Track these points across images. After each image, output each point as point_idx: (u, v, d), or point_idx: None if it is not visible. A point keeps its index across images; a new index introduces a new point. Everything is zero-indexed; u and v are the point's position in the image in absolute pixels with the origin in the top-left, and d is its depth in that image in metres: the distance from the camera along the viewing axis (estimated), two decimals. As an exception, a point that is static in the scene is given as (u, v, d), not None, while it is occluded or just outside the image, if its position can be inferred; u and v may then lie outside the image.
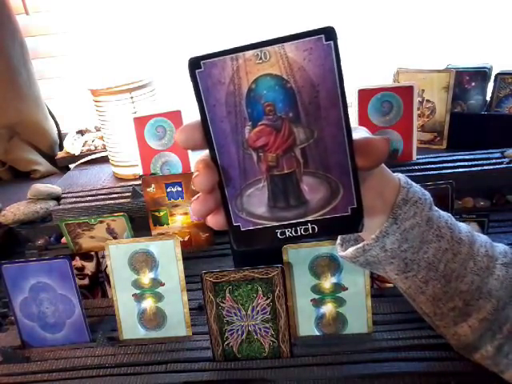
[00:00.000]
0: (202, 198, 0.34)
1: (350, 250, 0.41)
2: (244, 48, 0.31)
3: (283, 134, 0.32)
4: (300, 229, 0.34)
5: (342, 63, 0.31)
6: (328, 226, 0.33)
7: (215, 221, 0.35)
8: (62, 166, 1.24)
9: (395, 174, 0.40)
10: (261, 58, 0.31)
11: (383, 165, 0.38)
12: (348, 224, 0.33)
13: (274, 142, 0.33)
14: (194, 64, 0.31)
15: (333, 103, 0.31)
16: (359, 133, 0.35)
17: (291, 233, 0.34)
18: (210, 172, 0.33)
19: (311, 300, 0.57)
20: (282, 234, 0.34)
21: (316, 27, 0.30)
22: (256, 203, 0.34)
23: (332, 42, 0.30)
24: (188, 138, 0.33)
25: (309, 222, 0.33)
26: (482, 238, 0.43)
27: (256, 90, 0.32)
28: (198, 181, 0.33)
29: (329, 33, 0.30)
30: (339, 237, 0.45)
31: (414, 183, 0.40)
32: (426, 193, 0.41)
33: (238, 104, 0.32)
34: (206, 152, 0.34)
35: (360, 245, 0.40)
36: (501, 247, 0.43)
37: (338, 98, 0.31)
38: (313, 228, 0.33)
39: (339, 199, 0.33)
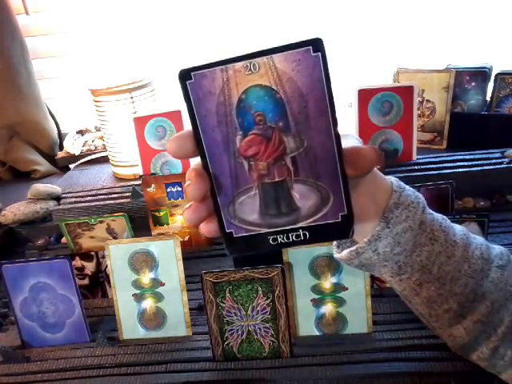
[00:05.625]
0: (194, 207, 0.35)
1: (345, 252, 0.42)
2: (234, 59, 0.31)
3: (273, 142, 0.33)
4: (292, 235, 0.34)
5: (330, 73, 0.31)
6: (319, 233, 0.34)
7: (208, 228, 0.36)
8: (62, 166, 1.24)
9: (388, 177, 0.40)
10: (250, 70, 0.31)
11: (375, 169, 0.39)
12: (339, 230, 0.34)
13: (264, 151, 0.33)
14: (185, 75, 0.32)
15: (322, 113, 0.32)
16: (348, 140, 0.35)
17: (283, 239, 0.34)
18: (202, 181, 0.33)
19: (311, 300, 0.57)
20: (274, 240, 0.34)
21: (304, 39, 0.31)
22: (248, 210, 0.34)
23: (320, 53, 0.31)
24: (180, 148, 0.33)
25: (300, 228, 0.34)
26: (478, 241, 0.42)
27: (246, 101, 0.32)
28: (190, 190, 0.33)
29: (316, 44, 0.31)
30: None
31: (407, 186, 0.41)
32: (420, 196, 0.41)
33: (228, 114, 0.32)
34: (199, 161, 0.34)
35: (353, 247, 0.40)
36: (497, 249, 0.43)
37: (327, 108, 0.32)
38: (304, 234, 0.34)
39: (330, 206, 0.33)
